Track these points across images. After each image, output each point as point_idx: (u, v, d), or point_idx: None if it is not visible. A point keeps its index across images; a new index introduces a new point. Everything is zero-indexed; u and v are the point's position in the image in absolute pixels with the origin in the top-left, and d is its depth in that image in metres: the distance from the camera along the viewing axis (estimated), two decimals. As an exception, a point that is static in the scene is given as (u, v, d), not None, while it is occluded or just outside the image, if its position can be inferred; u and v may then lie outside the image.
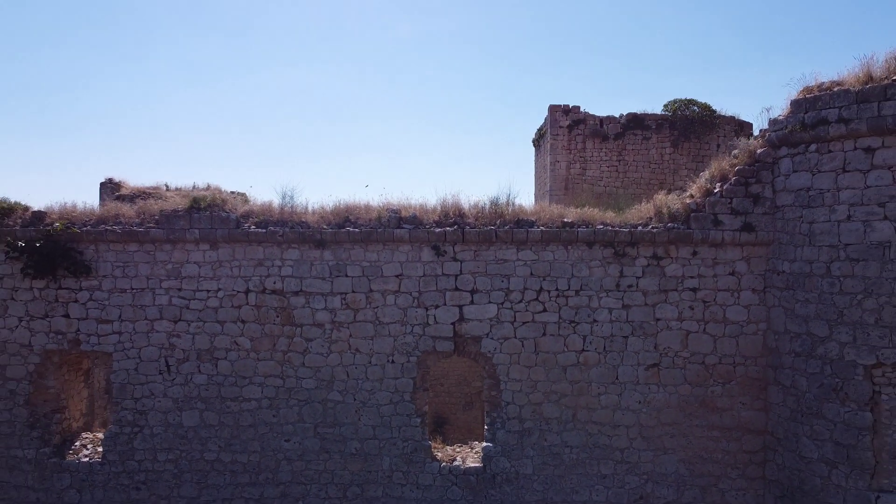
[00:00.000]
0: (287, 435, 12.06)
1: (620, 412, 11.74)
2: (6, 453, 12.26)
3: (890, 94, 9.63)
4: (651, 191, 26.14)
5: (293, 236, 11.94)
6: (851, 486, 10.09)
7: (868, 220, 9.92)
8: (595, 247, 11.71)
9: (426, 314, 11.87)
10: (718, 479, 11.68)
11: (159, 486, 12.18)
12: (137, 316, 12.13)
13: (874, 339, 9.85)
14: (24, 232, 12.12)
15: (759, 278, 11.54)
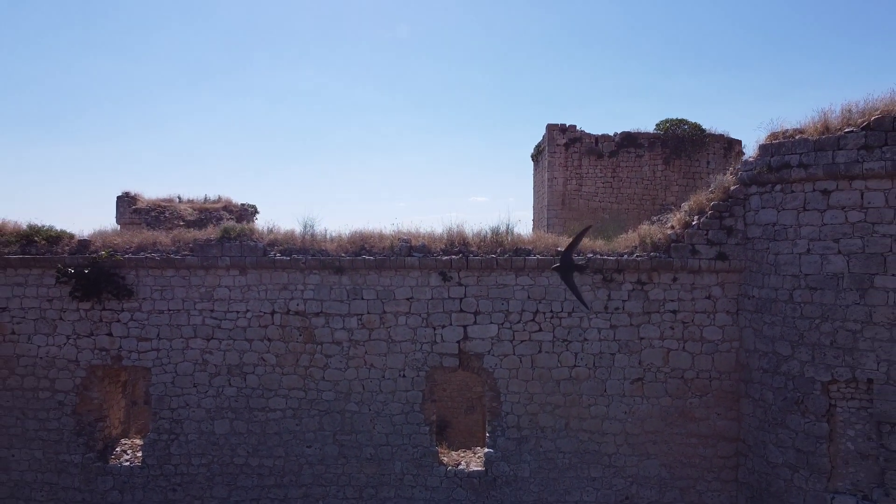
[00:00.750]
0: (309, 442, 13.40)
1: (608, 421, 13.08)
2: (55, 458, 13.60)
3: (843, 145, 10.97)
4: (644, 206, 27.55)
5: (314, 263, 13.28)
6: (811, 488, 11.43)
7: (825, 254, 11.26)
8: (585, 273, 13.04)
9: (434, 333, 13.20)
10: (696, 482, 13.02)
11: (193, 487, 13.52)
12: (174, 334, 13.47)
13: (830, 359, 11.19)
14: (72, 259, 13.46)
15: (733, 302, 12.88)
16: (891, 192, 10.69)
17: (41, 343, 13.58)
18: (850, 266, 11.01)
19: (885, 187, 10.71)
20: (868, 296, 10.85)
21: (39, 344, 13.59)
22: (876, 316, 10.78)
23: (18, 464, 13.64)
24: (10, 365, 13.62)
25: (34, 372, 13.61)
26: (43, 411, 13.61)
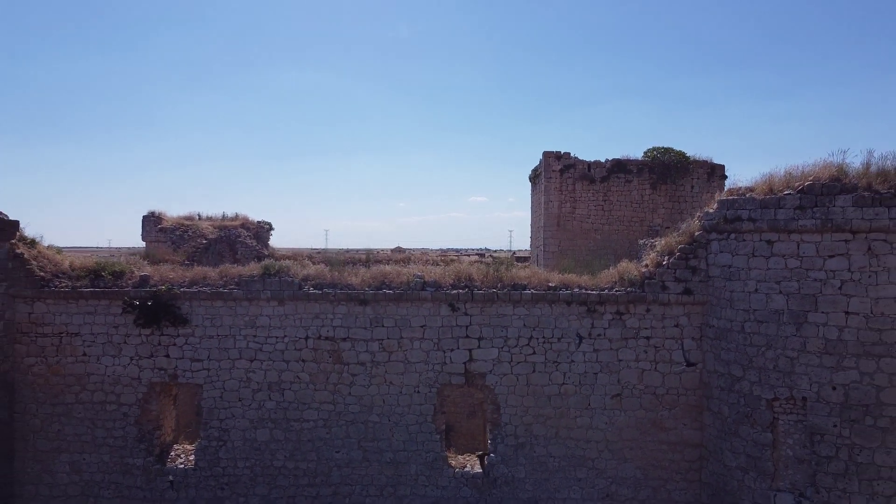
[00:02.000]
0: (337, 447, 15.73)
1: (592, 430, 15.40)
2: (120, 461, 15.94)
3: (782, 204, 13.31)
4: (633, 228, 29.87)
5: (342, 296, 15.61)
6: (758, 487, 13.76)
7: (769, 293, 13.60)
8: (572, 305, 15.37)
9: (444, 356, 15.54)
10: (666, 482, 15.35)
11: (238, 486, 15.85)
12: (222, 356, 15.80)
13: (773, 380, 13.53)
14: (136, 292, 15.79)
15: (697, 329, 15.21)
16: (820, 244, 13.02)
17: (108, 363, 15.92)
18: (788, 304, 13.35)
19: (816, 240, 13.04)
20: (803, 329, 13.19)
21: (107, 364, 15.92)
22: (809, 345, 13.12)
23: (89, 466, 15.97)
24: (82, 382, 15.95)
25: (102, 388, 15.94)
26: (110, 421, 15.94)
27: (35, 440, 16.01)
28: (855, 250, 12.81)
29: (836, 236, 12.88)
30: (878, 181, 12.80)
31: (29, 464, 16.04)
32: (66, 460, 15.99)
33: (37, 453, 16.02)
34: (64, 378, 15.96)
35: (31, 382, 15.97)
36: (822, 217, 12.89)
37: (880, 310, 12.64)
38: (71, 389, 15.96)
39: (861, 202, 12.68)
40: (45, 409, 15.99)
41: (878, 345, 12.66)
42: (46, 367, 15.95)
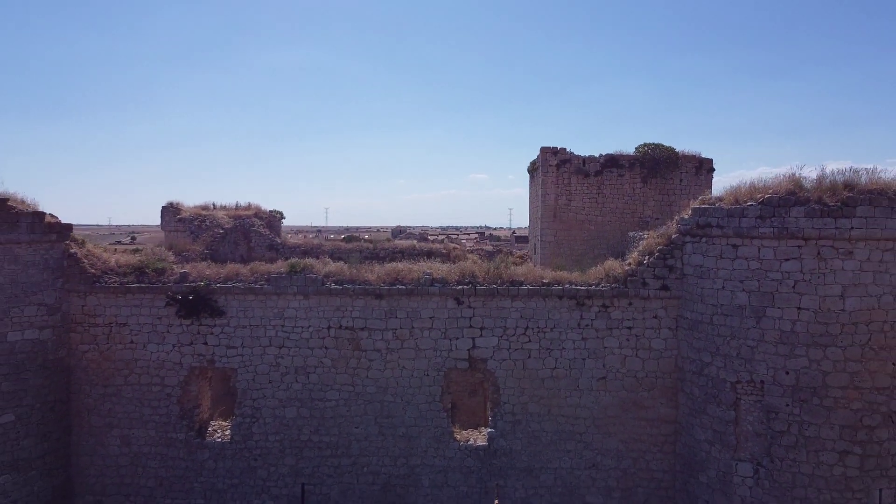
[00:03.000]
0: (356, 423, 17.87)
1: (580, 409, 17.53)
2: (165, 436, 18.09)
3: (745, 214, 15.28)
4: (625, 219, 31.83)
5: (360, 291, 17.65)
6: (722, 458, 15.90)
7: (734, 291, 15.63)
8: (564, 299, 17.41)
9: (450, 343, 17.62)
10: (644, 453, 17.52)
11: (269, 457, 18.02)
12: (254, 344, 17.88)
13: (736, 366, 15.61)
14: (177, 287, 17.82)
15: (673, 321, 17.26)
16: (777, 249, 15.01)
17: (153, 350, 18.00)
18: (750, 300, 15.39)
19: (773, 245, 15.04)
20: (761, 322, 15.24)
21: (152, 350, 18.01)
22: (766, 336, 15.19)
23: (137, 440, 18.13)
24: (130, 366, 18.05)
25: (148, 371, 18.05)
26: (155, 401, 18.07)
27: (89, 417, 18.15)
28: (806, 255, 14.81)
29: (791, 242, 14.87)
30: (828, 195, 14.76)
31: (84, 437, 18.20)
32: (116, 434, 18.15)
33: (91, 428, 18.17)
34: (114, 363, 18.06)
35: (85, 367, 18.06)
36: (779, 226, 14.88)
37: (827, 306, 14.69)
38: (120, 373, 18.07)
39: (812, 213, 14.66)
40: (98, 390, 18.11)
41: (825, 336, 14.73)
42: (98, 353, 18.04)
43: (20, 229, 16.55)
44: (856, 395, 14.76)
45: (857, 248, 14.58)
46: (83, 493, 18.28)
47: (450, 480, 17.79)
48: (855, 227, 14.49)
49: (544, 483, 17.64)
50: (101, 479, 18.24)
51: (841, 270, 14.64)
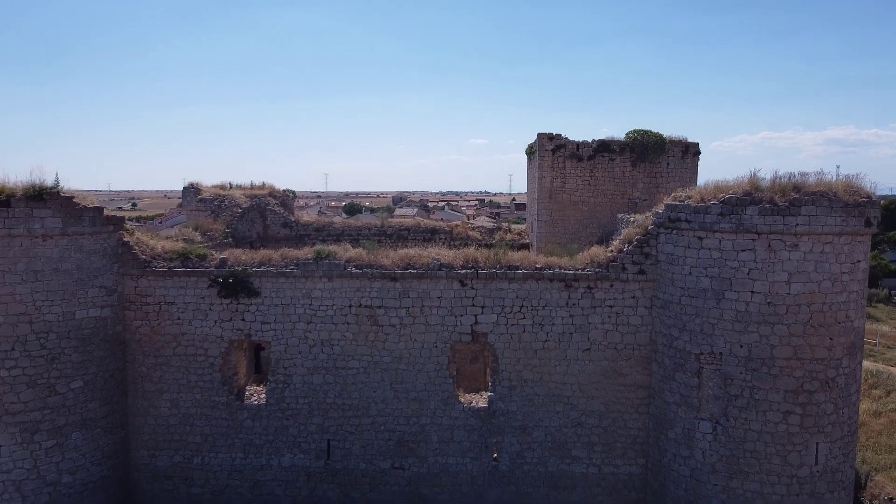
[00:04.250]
0: (374, 388, 20.67)
1: (567, 376, 20.31)
2: (209, 399, 20.91)
3: (709, 211, 17.84)
4: (615, 201, 34.29)
5: (377, 274, 20.29)
6: (687, 417, 18.73)
7: (698, 276, 18.29)
8: (554, 281, 20.07)
9: (455, 320, 20.32)
10: (622, 414, 20.35)
11: (299, 417, 20.87)
12: (285, 320, 20.59)
13: (699, 340, 18.35)
14: (218, 271, 20.46)
15: (648, 300, 19.94)
16: (735, 241, 17.62)
17: (198, 325, 20.72)
18: (711, 284, 18.05)
19: (732, 238, 17.65)
20: (721, 303, 17.93)
21: (196, 326, 20.73)
22: (725, 315, 17.88)
23: (185, 402, 20.95)
24: (178, 339, 20.78)
25: (193, 343, 20.78)
26: (200, 369, 20.84)
27: (143, 383, 20.95)
28: (759, 247, 17.43)
29: (746, 236, 17.47)
30: (778, 195, 17.31)
31: (138, 401, 21.03)
32: (167, 398, 20.98)
33: (144, 393, 20.99)
34: (163, 337, 20.79)
35: (138, 340, 20.80)
36: (736, 222, 17.46)
37: (775, 290, 17.36)
38: (169, 345, 20.82)
39: (764, 212, 17.23)
40: (150, 360, 20.88)
41: (773, 315, 17.44)
42: (150, 328, 20.76)
43: (84, 222, 19.12)
44: (798, 365, 17.53)
45: (801, 241, 17.20)
46: (138, 448, 21.19)
47: (455, 437, 20.67)
48: (800, 224, 17.08)
49: (536, 439, 20.53)
50: (153, 436, 21.13)
51: (787, 260, 17.28)
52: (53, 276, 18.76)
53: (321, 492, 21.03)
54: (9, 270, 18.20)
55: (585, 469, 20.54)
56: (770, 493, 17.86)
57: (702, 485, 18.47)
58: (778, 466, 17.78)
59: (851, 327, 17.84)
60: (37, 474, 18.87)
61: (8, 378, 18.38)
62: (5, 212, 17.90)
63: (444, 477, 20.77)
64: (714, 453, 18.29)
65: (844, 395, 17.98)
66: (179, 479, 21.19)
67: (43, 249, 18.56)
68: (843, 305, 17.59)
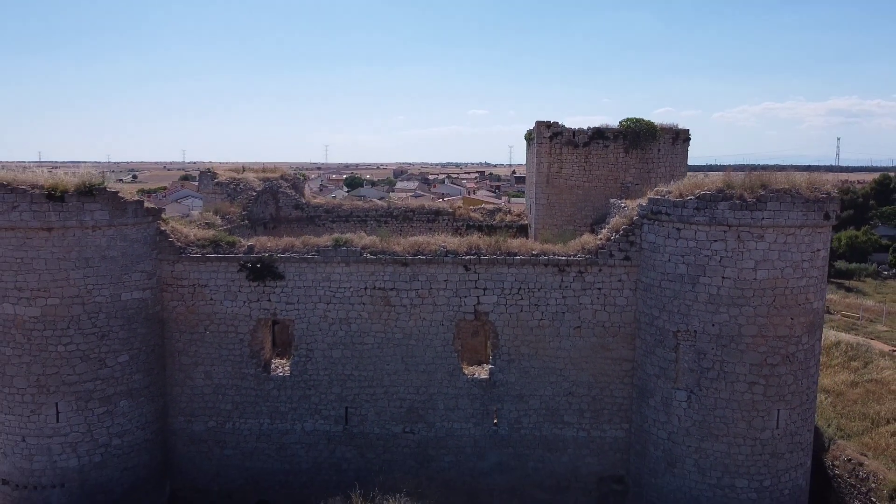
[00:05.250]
0: (387, 362, 23.08)
1: (560, 350, 22.70)
2: (239, 371, 23.30)
3: (686, 205, 20.04)
4: (608, 185, 36.41)
5: (389, 260, 22.56)
6: (665, 387, 21.16)
7: (676, 262, 20.56)
8: (548, 266, 22.35)
9: (460, 300, 22.65)
10: (609, 384, 22.79)
11: (320, 388, 23.32)
12: (307, 301, 22.91)
13: (676, 319, 20.69)
14: (246, 257, 22.73)
15: (633, 283, 22.24)
16: (708, 232, 19.85)
17: (228, 305, 23.05)
18: (688, 270, 20.33)
19: (706, 230, 19.88)
20: (696, 287, 20.23)
21: (227, 306, 23.06)
22: (699, 298, 20.20)
23: (217, 374, 23.37)
24: (211, 318, 23.12)
25: (224, 322, 23.13)
26: (230, 344, 23.22)
27: (179, 357, 23.35)
28: (729, 238, 19.69)
29: (718, 228, 19.70)
30: (747, 192, 19.50)
31: (175, 373, 23.46)
32: (201, 370, 23.40)
33: (181, 366, 23.41)
34: (197, 315, 23.14)
35: (175, 319, 23.15)
36: (710, 216, 19.68)
37: (743, 276, 19.66)
38: (202, 323, 23.17)
39: (734, 207, 19.44)
40: (185, 336, 23.26)
41: (741, 298, 19.75)
42: (185, 308, 23.10)
43: (128, 214, 21.34)
44: (762, 342, 19.90)
45: (766, 233, 19.44)
46: (176, 415, 23.68)
47: (459, 405, 23.15)
48: (765, 218, 19.31)
49: (532, 406, 23.02)
50: (189, 404, 23.60)
51: (754, 250, 19.54)
52: (102, 263, 21.03)
53: (340, 453, 23.58)
54: (64, 258, 20.47)
55: (576, 433, 23.06)
56: (737, 453, 20.36)
57: (677, 446, 20.98)
58: (744, 430, 20.25)
59: (811, 308, 20.17)
60: (90, 437, 21.36)
61: (64, 353, 20.76)
62: (60, 206, 20.10)
63: (450, 440, 23.30)
64: (688, 419, 20.76)
65: (803, 367, 20.38)
66: (213, 442, 23.73)
67: (93, 239, 20.80)
68: (804, 289, 19.90)
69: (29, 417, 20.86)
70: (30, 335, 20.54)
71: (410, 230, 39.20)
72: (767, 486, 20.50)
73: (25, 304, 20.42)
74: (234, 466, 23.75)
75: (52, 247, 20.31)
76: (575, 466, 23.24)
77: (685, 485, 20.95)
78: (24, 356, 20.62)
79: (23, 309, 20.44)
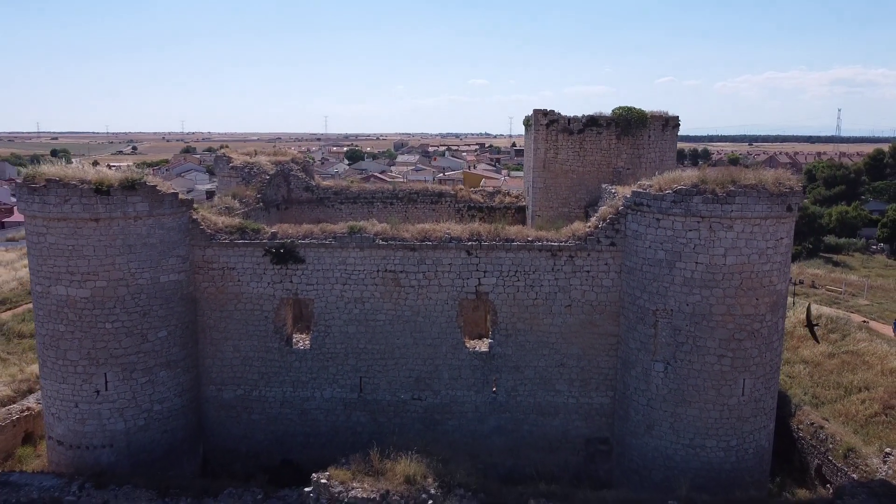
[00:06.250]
0: (397, 337, 25.72)
1: (552, 326, 25.32)
2: (264, 345, 25.97)
3: (664, 198, 22.45)
4: (601, 170, 38.75)
5: (399, 245, 25.06)
6: (645, 359, 23.82)
7: (656, 249, 23.03)
8: (542, 251, 24.86)
9: (462, 282, 25.20)
10: (596, 356, 25.46)
11: (337, 359, 26.00)
12: (325, 282, 25.47)
13: (656, 299, 23.26)
14: (270, 242, 25.23)
15: (618, 267, 24.77)
16: (684, 223, 22.28)
17: (254, 286, 25.61)
18: (666, 256, 22.84)
19: (682, 220, 22.31)
20: (673, 271, 22.75)
21: (253, 286, 25.61)
22: (675, 280, 22.74)
23: (245, 348, 26.03)
24: (238, 297, 25.69)
25: (251, 301, 25.72)
26: (257, 321, 25.84)
27: (210, 332, 25.98)
28: (702, 228, 22.16)
29: (693, 219, 22.16)
30: (718, 188, 21.92)
31: (208, 346, 26.12)
32: (230, 344, 26.06)
33: (212, 340, 26.05)
34: (226, 295, 25.71)
35: (206, 298, 25.73)
36: (685, 208, 22.13)
37: (714, 261, 22.15)
38: (231, 302, 25.76)
39: (707, 200, 21.87)
40: (216, 314, 25.86)
41: (711, 281, 22.29)
42: (215, 288, 25.66)
43: (165, 205, 23.78)
44: (730, 320, 22.49)
45: (735, 224, 21.91)
46: (208, 384, 26.39)
47: (462, 374, 25.87)
48: (734, 210, 21.76)
49: (527, 376, 25.73)
50: (220, 374, 26.31)
51: (724, 238, 22.03)
52: (143, 249, 23.55)
53: (355, 418, 26.37)
54: (110, 245, 22.97)
55: (566, 400, 25.81)
56: (707, 416, 23.09)
57: (655, 411, 23.72)
58: (713, 397, 22.96)
59: (774, 290, 22.73)
60: (135, 403, 24.08)
61: (112, 329, 23.38)
62: (106, 199, 22.53)
63: (454, 406, 26.07)
64: (665, 387, 23.46)
65: (767, 342, 23.01)
66: (241, 408, 26.49)
67: (135, 228, 23.28)
68: (768, 273, 22.44)
69: (81, 386, 23.54)
70: (81, 314, 23.12)
71: (415, 211, 41.72)
72: (734, 445, 23.27)
73: (77, 286, 22.97)
74: (261, 430, 26.55)
75: (99, 235, 22.79)
76: (565, 429, 26.03)
77: (662, 445, 23.73)
78: (76, 332, 23.23)
79: (74, 290, 22.99)
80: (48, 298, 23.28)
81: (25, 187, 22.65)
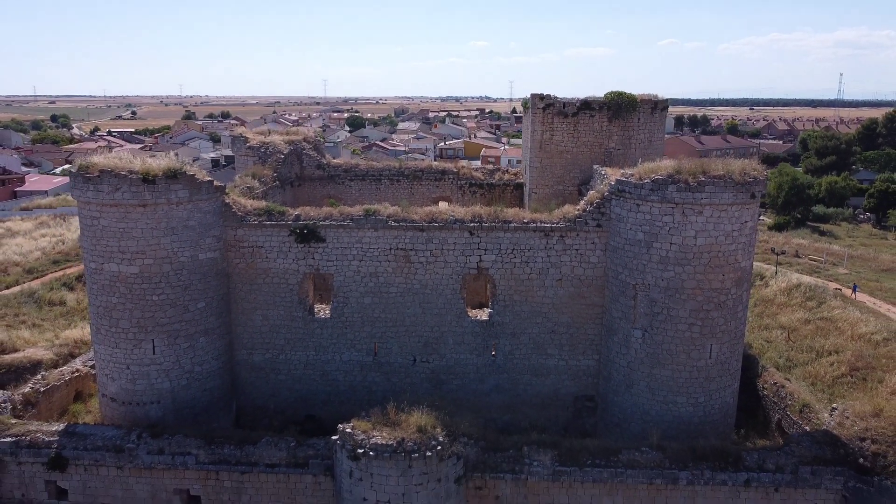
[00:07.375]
0: (407, 307, 29.01)
1: (545, 298, 28.60)
2: (289, 314, 29.27)
3: (641, 186, 25.52)
4: (594, 150, 41.64)
5: (409, 226, 28.19)
6: (625, 327, 27.14)
7: (635, 230, 26.19)
8: (537, 231, 27.99)
9: (465, 259, 28.40)
10: (584, 324, 28.80)
11: (354, 327, 29.34)
12: (345, 258, 28.66)
13: (636, 275, 26.49)
14: (294, 224, 28.34)
15: (604, 245, 27.93)
16: (660, 208, 25.38)
17: (281, 262, 28.81)
18: (644, 237, 25.97)
19: (658, 206, 25.41)
20: (650, 250, 25.94)
21: (280, 263, 28.81)
22: (652, 258, 25.94)
23: (272, 317, 29.34)
24: (266, 272, 28.91)
25: (278, 275, 28.94)
26: (283, 293, 29.10)
27: (241, 303, 29.29)
28: (676, 213, 25.24)
29: (667, 205, 25.23)
30: (691, 178, 24.93)
31: (239, 316, 29.44)
32: (259, 314, 29.38)
33: (242, 310, 29.37)
34: (255, 270, 28.93)
35: (238, 273, 28.94)
36: (661, 195, 25.20)
37: (686, 242, 25.27)
38: (260, 276, 29.00)
39: (680, 189, 24.93)
40: (246, 287, 29.11)
41: (684, 259, 25.48)
42: (246, 265, 28.87)
43: (202, 192, 26.86)
44: (700, 293, 25.75)
45: (705, 209, 25.00)
46: (240, 349, 29.80)
47: (465, 340, 29.26)
48: (704, 198, 24.83)
49: (523, 342, 29.13)
50: (250, 340, 29.69)
51: (695, 222, 25.15)
52: (184, 231, 26.69)
53: (370, 378, 29.84)
54: (156, 227, 26.10)
55: (557, 362, 29.25)
56: (678, 377, 26.52)
57: (634, 372, 27.16)
58: (684, 360, 26.34)
59: (739, 267, 25.94)
60: (178, 365, 27.49)
61: (158, 301, 26.66)
62: (152, 187, 25.59)
63: (457, 368, 29.52)
64: (642, 351, 26.84)
65: (732, 312, 26.31)
66: (269, 369, 29.94)
67: (177, 212, 26.40)
68: (733, 252, 25.61)
69: (132, 351, 26.91)
70: (131, 287, 26.37)
71: (419, 188, 44.75)
72: (702, 402, 26.76)
73: (127, 263, 26.17)
74: (286, 389, 30.05)
75: (146, 219, 25.91)
76: (556, 388, 29.53)
77: (639, 402, 27.22)
78: (127, 304, 26.51)
79: (125, 267, 26.21)
80: (102, 274, 26.51)
81: (80, 176, 25.69)
